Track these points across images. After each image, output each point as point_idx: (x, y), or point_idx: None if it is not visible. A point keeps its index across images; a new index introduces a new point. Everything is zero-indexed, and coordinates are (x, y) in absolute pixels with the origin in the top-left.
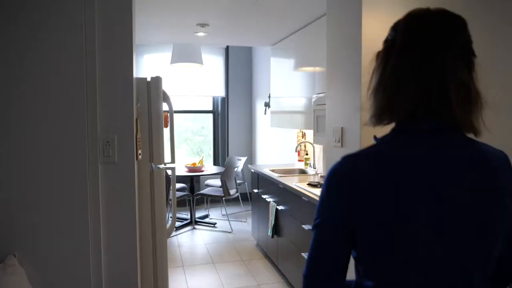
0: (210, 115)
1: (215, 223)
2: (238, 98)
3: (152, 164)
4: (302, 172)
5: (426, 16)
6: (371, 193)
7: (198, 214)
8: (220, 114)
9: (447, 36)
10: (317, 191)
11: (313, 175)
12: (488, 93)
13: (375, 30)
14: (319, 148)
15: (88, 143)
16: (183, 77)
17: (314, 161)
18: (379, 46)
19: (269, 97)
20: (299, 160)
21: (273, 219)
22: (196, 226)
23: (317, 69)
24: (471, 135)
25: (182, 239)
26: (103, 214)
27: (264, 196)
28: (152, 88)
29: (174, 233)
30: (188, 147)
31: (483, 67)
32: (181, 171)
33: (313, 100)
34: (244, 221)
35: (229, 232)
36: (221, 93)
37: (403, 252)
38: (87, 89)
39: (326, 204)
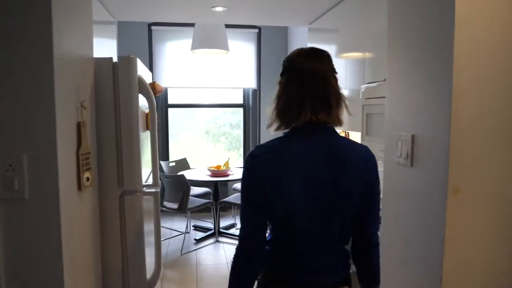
0: (240, 110)
1: None
2: (272, 90)
3: (122, 189)
4: None
5: (309, 52)
6: (266, 170)
7: (224, 223)
8: (251, 108)
9: (327, 64)
10: None
11: None
12: None
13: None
14: None
15: None
16: (209, 66)
17: None
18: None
19: None
20: None
21: None
22: (220, 238)
23: (367, 54)
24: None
25: (202, 255)
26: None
27: None
28: (121, 75)
29: (194, 247)
30: (224, 143)
31: None
32: (203, 175)
33: (361, 91)
34: None
35: None
36: (252, 84)
37: (284, 202)
38: None
39: (245, 178)
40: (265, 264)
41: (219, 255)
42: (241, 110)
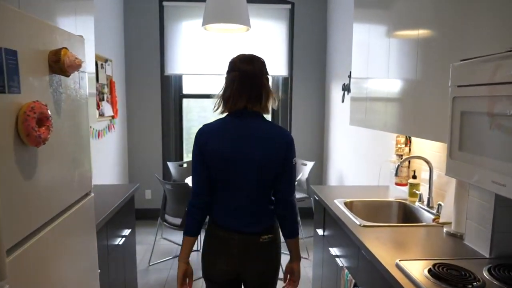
0: None
1: None
2: (306, 78)
3: None
4: (404, 210)
5: (247, 58)
6: (210, 142)
7: None
8: (281, 100)
9: (261, 68)
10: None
11: (431, 225)
12: None
13: None
14: (452, 183)
15: None
16: (230, 50)
17: (430, 194)
18: None
19: (350, 77)
20: (397, 184)
21: None
22: None
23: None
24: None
25: None
26: None
27: (332, 251)
28: None
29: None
30: None
31: None
32: None
33: (451, 74)
34: (306, 258)
35: (280, 279)
36: (283, 71)
37: (222, 167)
38: None
39: (193, 149)
40: (210, 213)
41: None
42: None
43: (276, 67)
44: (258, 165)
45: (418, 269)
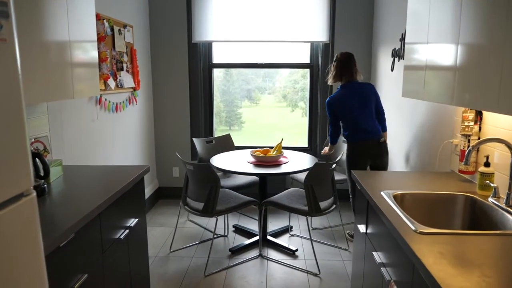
0: (307, 71)
1: (296, 250)
2: (350, 44)
3: None
4: (473, 207)
5: (346, 55)
6: (341, 105)
7: (275, 225)
8: (321, 69)
9: (352, 59)
10: None
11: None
12: None
13: None
14: None
15: None
16: (264, 14)
17: (510, 188)
18: None
19: (402, 40)
20: (461, 171)
21: None
22: (266, 251)
23: None
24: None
25: (235, 279)
26: None
27: (376, 257)
28: None
29: (226, 263)
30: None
31: None
32: (244, 163)
33: None
34: (345, 249)
35: (315, 275)
36: (323, 37)
37: (350, 115)
38: None
39: (329, 110)
40: (347, 138)
41: (259, 282)
42: (307, 72)
43: (315, 32)
44: (366, 104)
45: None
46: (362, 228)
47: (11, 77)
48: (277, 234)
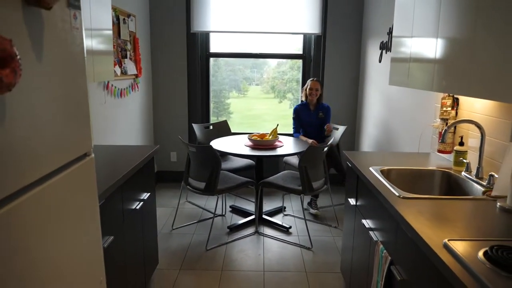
0: (299, 62)
1: (289, 227)
2: (340, 36)
3: None
4: (448, 180)
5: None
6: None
7: (270, 205)
8: (313, 60)
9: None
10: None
11: (481, 198)
12: None
13: None
14: (510, 151)
15: None
16: (259, 5)
17: (480, 164)
18: None
19: (390, 34)
20: (440, 151)
21: (382, 279)
22: (262, 228)
23: None
24: None
25: (234, 253)
26: None
27: (365, 223)
28: None
29: (225, 239)
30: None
31: None
32: (241, 146)
33: None
34: (334, 227)
35: (308, 249)
36: (315, 29)
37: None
38: None
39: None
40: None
41: (257, 255)
42: (299, 62)
43: (308, 24)
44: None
45: (471, 251)
46: (352, 201)
47: (81, 57)
48: (271, 213)
